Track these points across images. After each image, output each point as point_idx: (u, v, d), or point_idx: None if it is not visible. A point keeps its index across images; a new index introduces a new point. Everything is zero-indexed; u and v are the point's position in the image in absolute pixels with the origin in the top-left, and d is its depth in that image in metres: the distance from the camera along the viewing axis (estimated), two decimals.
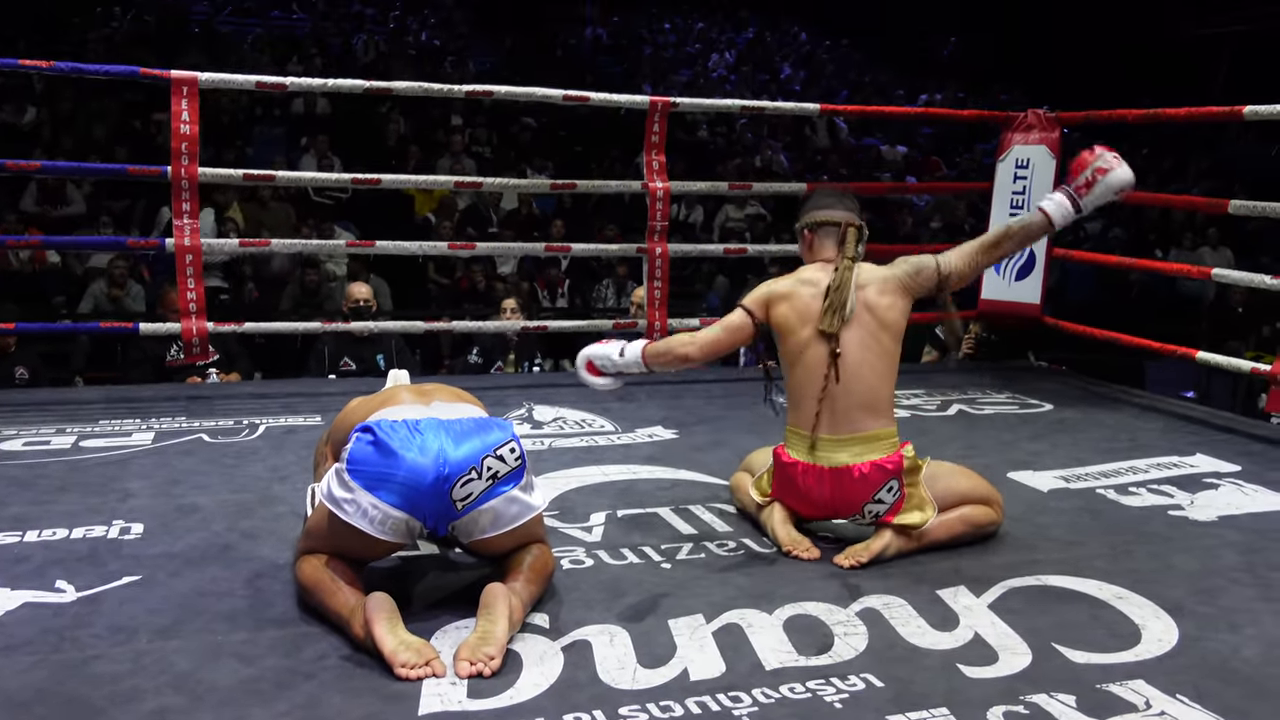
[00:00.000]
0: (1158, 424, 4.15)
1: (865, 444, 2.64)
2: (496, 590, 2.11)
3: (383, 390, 2.50)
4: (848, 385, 2.65)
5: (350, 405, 2.45)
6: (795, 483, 2.70)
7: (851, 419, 2.65)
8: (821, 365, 2.67)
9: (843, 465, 2.64)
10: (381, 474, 2.11)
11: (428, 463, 2.12)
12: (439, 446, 2.14)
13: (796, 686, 1.98)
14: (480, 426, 2.22)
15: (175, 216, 3.97)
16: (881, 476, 2.62)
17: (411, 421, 2.19)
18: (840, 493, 2.65)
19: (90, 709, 1.83)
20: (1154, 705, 1.94)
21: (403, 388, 2.48)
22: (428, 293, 8.84)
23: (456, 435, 2.17)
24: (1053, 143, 4.79)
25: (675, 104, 4.58)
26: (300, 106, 11.38)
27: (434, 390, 2.43)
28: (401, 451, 2.12)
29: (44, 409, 3.90)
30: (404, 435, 2.14)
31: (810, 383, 2.69)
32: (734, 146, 12.48)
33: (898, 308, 2.71)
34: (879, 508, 2.64)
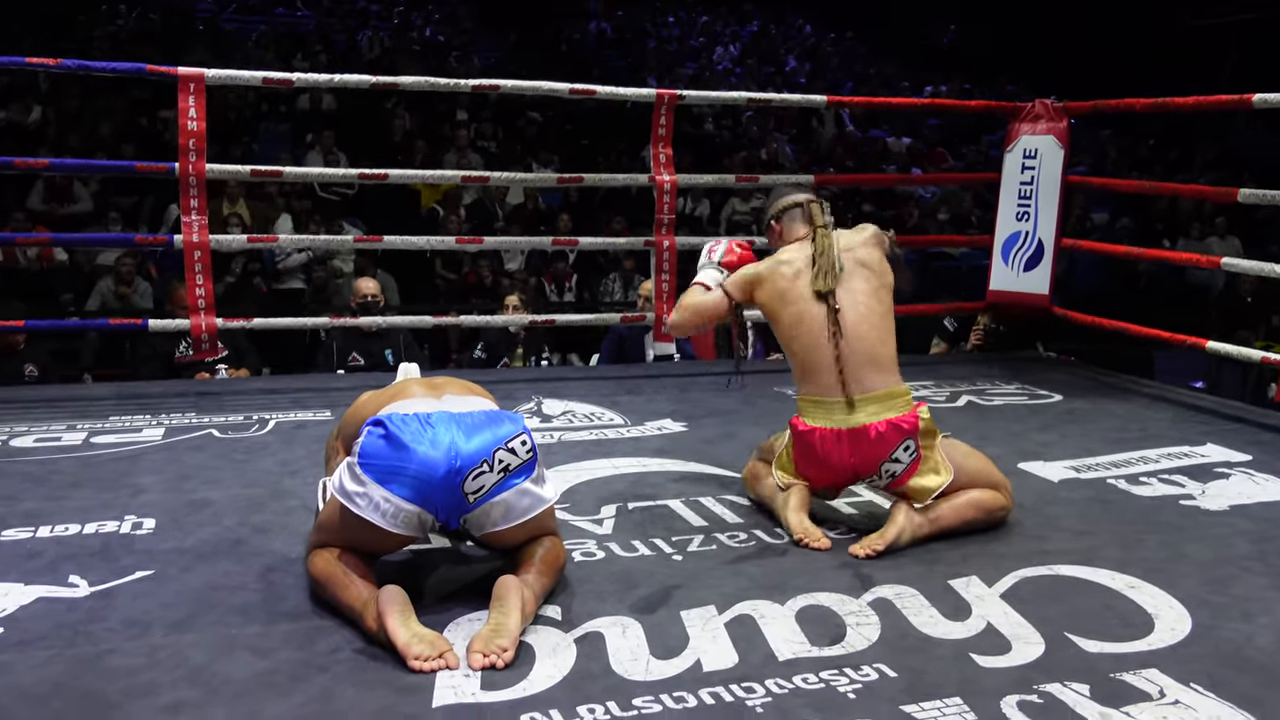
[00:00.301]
0: (1168, 414, 4.14)
1: (880, 402, 2.68)
2: (509, 582, 2.12)
3: (393, 384, 2.50)
4: (852, 343, 2.71)
5: (361, 399, 2.45)
6: (815, 449, 2.72)
7: (862, 378, 2.70)
8: (823, 329, 2.73)
9: (860, 425, 2.67)
10: (393, 467, 2.12)
11: (439, 456, 2.12)
12: (450, 439, 2.14)
13: (810, 677, 1.98)
14: (491, 419, 2.23)
15: (183, 213, 3.98)
16: (898, 436, 2.65)
17: (423, 415, 2.19)
18: (859, 453, 2.68)
19: (106, 703, 1.84)
20: (1168, 694, 1.94)
21: (413, 381, 2.48)
22: (435, 288, 8.85)
23: (468, 428, 2.17)
24: (1060, 132, 4.78)
25: (682, 97, 4.58)
26: (306, 103, 11.38)
27: (445, 384, 2.43)
28: (413, 445, 2.12)
29: (54, 405, 3.91)
30: (415, 429, 2.15)
31: (815, 348, 2.73)
32: (740, 139, 12.47)
33: (882, 261, 2.83)
34: (896, 467, 2.67)
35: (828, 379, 2.71)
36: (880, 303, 2.77)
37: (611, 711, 1.84)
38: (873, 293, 2.77)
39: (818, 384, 2.73)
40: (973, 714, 1.85)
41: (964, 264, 9.18)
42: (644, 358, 5.34)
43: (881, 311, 2.77)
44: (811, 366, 2.74)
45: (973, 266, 7.74)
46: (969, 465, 2.74)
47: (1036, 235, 4.85)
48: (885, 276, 2.81)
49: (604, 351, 5.61)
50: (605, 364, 5.49)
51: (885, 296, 2.80)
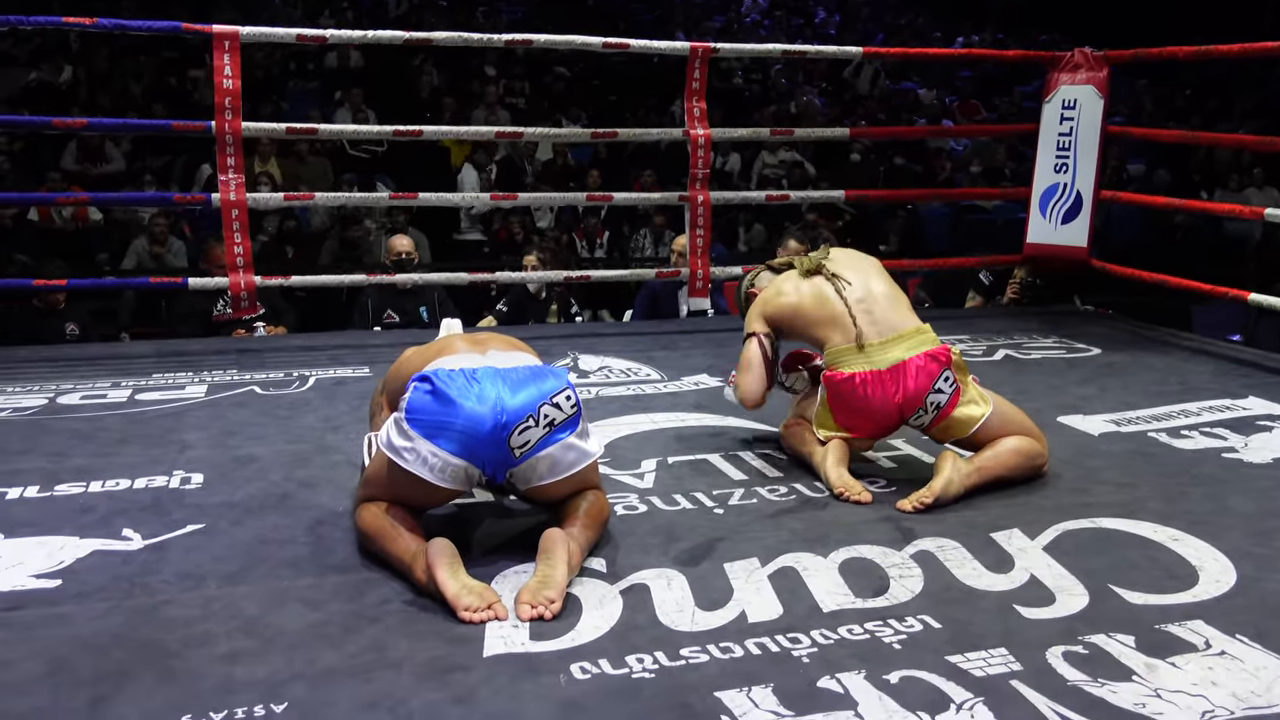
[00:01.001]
0: (1208, 367, 4.11)
1: (910, 339, 2.73)
2: (555, 535, 2.14)
3: (437, 340, 2.52)
4: (865, 298, 2.79)
5: (405, 355, 2.47)
6: (856, 396, 2.73)
7: (888, 320, 2.77)
8: (831, 296, 2.81)
9: (899, 361, 2.69)
10: (440, 422, 2.14)
11: (485, 410, 2.14)
12: (496, 394, 2.15)
13: (854, 628, 2.00)
14: (536, 374, 2.24)
15: (220, 171, 4.00)
16: (936, 366, 2.69)
17: (468, 370, 2.20)
18: (903, 389, 2.69)
19: (165, 652, 1.88)
20: (1214, 645, 1.94)
21: (457, 337, 2.49)
22: (465, 245, 8.86)
23: (513, 383, 2.19)
24: (1100, 82, 4.70)
25: (716, 50, 4.53)
26: (334, 60, 11.36)
27: (488, 339, 2.44)
28: (459, 400, 2.14)
29: (97, 364, 3.96)
30: (461, 384, 2.16)
31: (832, 313, 2.80)
32: (769, 93, 12.35)
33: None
34: (940, 398, 2.69)
35: (849, 331, 2.75)
36: (873, 264, 2.93)
37: (660, 661, 1.86)
38: (862, 260, 2.94)
39: (846, 337, 2.76)
40: (1018, 664, 1.86)
41: (998, 217, 9.10)
42: (677, 313, 5.34)
43: (875, 269, 2.92)
44: (833, 330, 2.78)
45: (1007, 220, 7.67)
46: (1005, 410, 2.76)
47: (1075, 187, 4.80)
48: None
49: (637, 307, 5.61)
50: (639, 320, 5.49)
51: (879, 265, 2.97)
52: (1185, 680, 1.82)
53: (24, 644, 1.90)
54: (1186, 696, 1.77)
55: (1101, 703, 1.74)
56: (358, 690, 1.76)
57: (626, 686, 1.79)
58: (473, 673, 1.82)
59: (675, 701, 1.74)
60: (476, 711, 1.71)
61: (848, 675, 1.82)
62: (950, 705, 1.74)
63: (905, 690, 1.78)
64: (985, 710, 1.72)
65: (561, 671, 1.83)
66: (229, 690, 1.76)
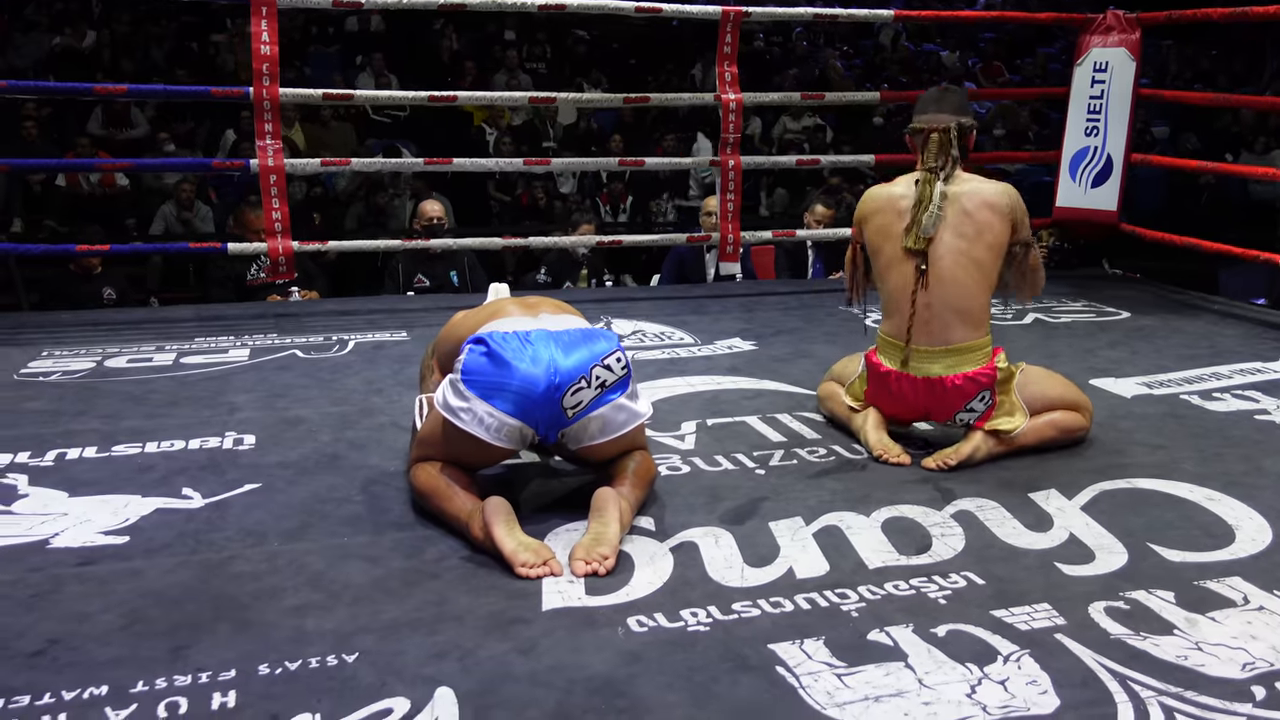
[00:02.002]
0: (1237, 330, 4.13)
1: (958, 355, 2.68)
2: (607, 494, 2.20)
3: (487, 304, 2.57)
4: (938, 299, 2.68)
5: (455, 319, 2.52)
6: (889, 388, 2.75)
7: (943, 331, 2.68)
8: (908, 284, 2.70)
9: (935, 377, 2.69)
10: (496, 383, 2.19)
11: (539, 372, 2.19)
12: (549, 356, 2.21)
13: (900, 584, 2.05)
14: (587, 336, 2.29)
15: (258, 137, 4.04)
16: (975, 389, 2.67)
17: (522, 333, 2.26)
18: (934, 401, 2.71)
19: (237, 604, 1.95)
20: (1252, 600, 1.99)
21: (508, 301, 2.54)
22: (489, 209, 8.90)
23: (565, 345, 2.24)
24: (1132, 45, 4.69)
25: (748, 13, 4.54)
26: (354, 25, 11.34)
27: (539, 303, 2.48)
28: (514, 362, 2.19)
29: (141, 327, 4.03)
30: (516, 346, 2.21)
31: (901, 297, 2.73)
32: (790, 56, 12.28)
33: (995, 229, 2.69)
34: (970, 416, 2.69)
35: (902, 327, 2.72)
36: (974, 257, 2.68)
37: (713, 615, 1.92)
38: (968, 248, 2.67)
39: (897, 329, 2.74)
40: (1062, 619, 1.92)
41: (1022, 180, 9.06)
42: (705, 278, 5.37)
43: (973, 265, 2.68)
44: (894, 311, 2.75)
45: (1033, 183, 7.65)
46: (1050, 390, 2.77)
47: (1105, 151, 4.80)
48: (989, 236, 2.69)
49: (665, 272, 5.65)
50: (666, 284, 5.53)
51: (983, 250, 2.68)
52: (1225, 634, 1.87)
53: (99, 597, 1.97)
54: (1227, 649, 1.82)
55: (1145, 655, 1.80)
56: (425, 641, 1.83)
57: (682, 639, 1.85)
58: (534, 625, 1.89)
59: (731, 653, 1.80)
60: (540, 661, 1.77)
61: (896, 629, 1.88)
62: (997, 657, 1.79)
63: (953, 643, 1.84)
64: (1032, 662, 1.77)
65: (619, 625, 1.89)
66: (301, 641, 1.82)
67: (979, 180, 2.75)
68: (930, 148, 2.73)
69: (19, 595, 1.98)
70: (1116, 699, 1.67)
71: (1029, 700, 1.66)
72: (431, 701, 1.65)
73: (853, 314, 4.21)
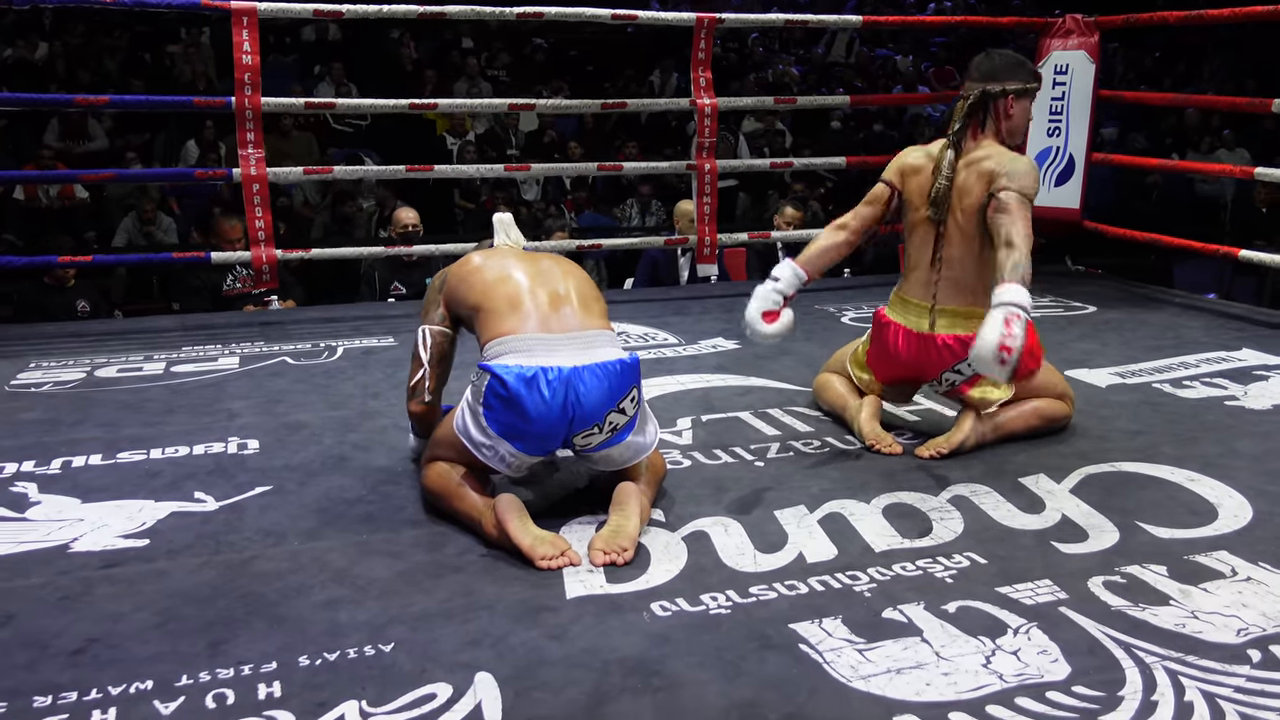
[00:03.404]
0: (1200, 322, 4.28)
1: (956, 318, 2.80)
2: (629, 489, 2.27)
3: (501, 260, 2.47)
4: (950, 266, 2.80)
5: (469, 266, 2.48)
6: (888, 343, 2.88)
7: (948, 293, 2.81)
8: (926, 245, 2.83)
9: (929, 333, 2.80)
10: (517, 428, 2.22)
11: (558, 419, 2.22)
12: (568, 401, 2.21)
13: (907, 565, 2.14)
14: (609, 376, 2.26)
15: (240, 146, 4.06)
16: (965, 351, 2.72)
17: (541, 372, 2.21)
18: (923, 357, 2.83)
19: (266, 601, 1.99)
20: (1240, 572, 2.10)
21: (528, 292, 2.37)
22: (454, 217, 8.91)
23: (585, 390, 2.22)
24: (1091, 48, 4.85)
25: (722, 20, 4.63)
26: (311, 34, 11.31)
27: (562, 298, 2.38)
28: (534, 413, 2.20)
29: (126, 338, 4.03)
30: (537, 399, 2.20)
31: (918, 257, 2.86)
32: (746, 62, 12.42)
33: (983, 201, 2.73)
34: (957, 377, 2.81)
35: (919, 286, 2.86)
36: (969, 233, 2.75)
37: (732, 599, 2.00)
38: (964, 221, 2.75)
39: (910, 286, 2.88)
40: (1064, 593, 2.01)
41: None
42: (678, 280, 5.46)
43: (971, 239, 2.75)
44: (911, 268, 2.89)
45: None
46: (1036, 377, 2.88)
47: (1067, 150, 4.95)
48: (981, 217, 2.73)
49: (639, 275, 5.72)
50: (640, 287, 5.60)
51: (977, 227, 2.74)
52: (1218, 603, 1.98)
53: (130, 598, 2.01)
54: (1221, 617, 1.92)
55: (1145, 624, 1.89)
56: (457, 630, 1.88)
57: (706, 621, 1.92)
58: (561, 612, 1.95)
59: (754, 633, 1.87)
60: (573, 645, 1.83)
61: (909, 606, 1.96)
62: (1007, 630, 1.88)
63: (964, 618, 1.92)
64: (1040, 633, 1.86)
65: (643, 610, 1.96)
66: (336, 634, 1.87)
67: (997, 150, 2.75)
68: (955, 112, 2.79)
69: (50, 597, 2.01)
70: (1123, 665, 1.76)
71: (1042, 668, 1.75)
72: (473, 686, 1.71)
73: (828, 313, 4.34)
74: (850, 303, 4.63)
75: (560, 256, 2.59)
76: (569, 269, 2.50)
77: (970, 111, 2.78)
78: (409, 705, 1.66)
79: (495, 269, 2.46)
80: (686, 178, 7.35)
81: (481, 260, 2.51)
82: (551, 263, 2.52)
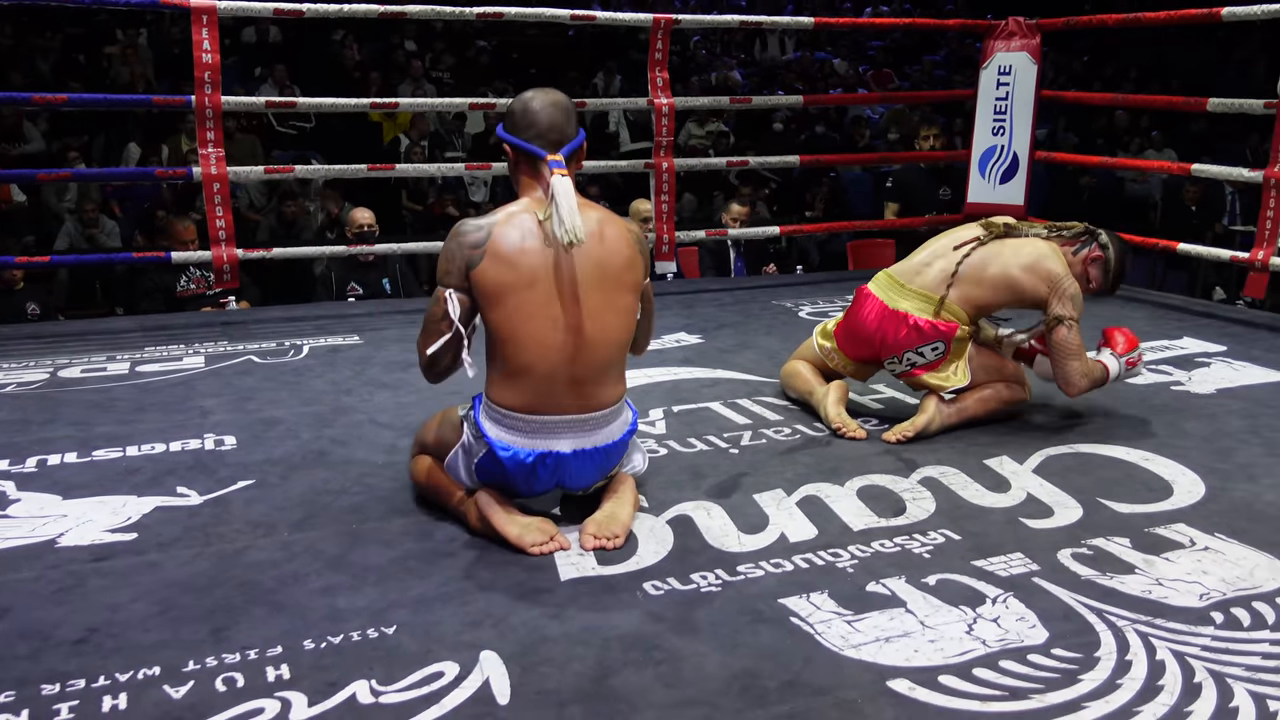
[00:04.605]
0: (1142, 313, 4.45)
1: (925, 300, 2.93)
2: (625, 478, 2.33)
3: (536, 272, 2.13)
4: (953, 268, 2.94)
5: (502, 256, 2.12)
6: (860, 311, 3.00)
7: (936, 286, 2.93)
8: (958, 241, 3.01)
9: (903, 311, 2.91)
10: (504, 482, 2.25)
11: (545, 489, 2.28)
12: (558, 478, 2.25)
13: (885, 543, 2.22)
14: (604, 455, 2.25)
15: (200, 145, 4.04)
16: (933, 334, 2.89)
17: (540, 462, 2.19)
18: (890, 332, 2.93)
19: (264, 589, 2.02)
20: (1198, 542, 2.22)
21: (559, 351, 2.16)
22: (402, 219, 8.89)
23: (575, 469, 2.24)
24: (1033, 49, 5.00)
25: (678, 21, 4.71)
26: (252, 36, 11.19)
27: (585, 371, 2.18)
28: (523, 489, 2.25)
29: (85, 339, 3.99)
30: (530, 478, 2.21)
31: (938, 245, 3.04)
32: (689, 64, 12.54)
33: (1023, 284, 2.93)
34: (917, 359, 2.93)
35: (912, 269, 3.00)
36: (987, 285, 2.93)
37: (722, 577, 2.06)
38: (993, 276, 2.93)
39: (903, 267, 3.04)
40: (1035, 565, 2.11)
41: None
42: None
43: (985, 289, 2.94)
44: (913, 255, 3.06)
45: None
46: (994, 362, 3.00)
47: (1012, 149, 5.10)
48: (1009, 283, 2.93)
49: None
50: None
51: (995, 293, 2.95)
52: (1180, 571, 2.09)
53: (126, 589, 2.02)
54: (1184, 583, 2.03)
55: (1115, 591, 2.00)
56: (459, 611, 1.92)
57: (699, 598, 1.98)
58: (558, 593, 2.00)
59: (746, 608, 1.94)
60: (572, 624, 1.88)
61: (891, 580, 2.05)
62: (986, 599, 1.97)
63: (944, 589, 2.01)
64: (1017, 602, 1.96)
65: (636, 589, 2.01)
66: (338, 618, 1.90)
67: (1057, 255, 2.96)
68: (1070, 224, 3.11)
69: (44, 590, 2.01)
70: (1097, 629, 1.86)
71: (1021, 634, 1.84)
72: (479, 664, 1.75)
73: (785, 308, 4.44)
74: (806, 298, 4.73)
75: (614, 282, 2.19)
76: (616, 309, 2.19)
77: (1080, 233, 3.05)
78: (419, 683, 1.70)
79: (527, 280, 2.12)
80: (633, 179, 7.45)
81: (516, 247, 2.12)
82: (600, 291, 2.16)
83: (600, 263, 2.16)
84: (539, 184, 2.20)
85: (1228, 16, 4.18)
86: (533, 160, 2.20)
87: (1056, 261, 2.91)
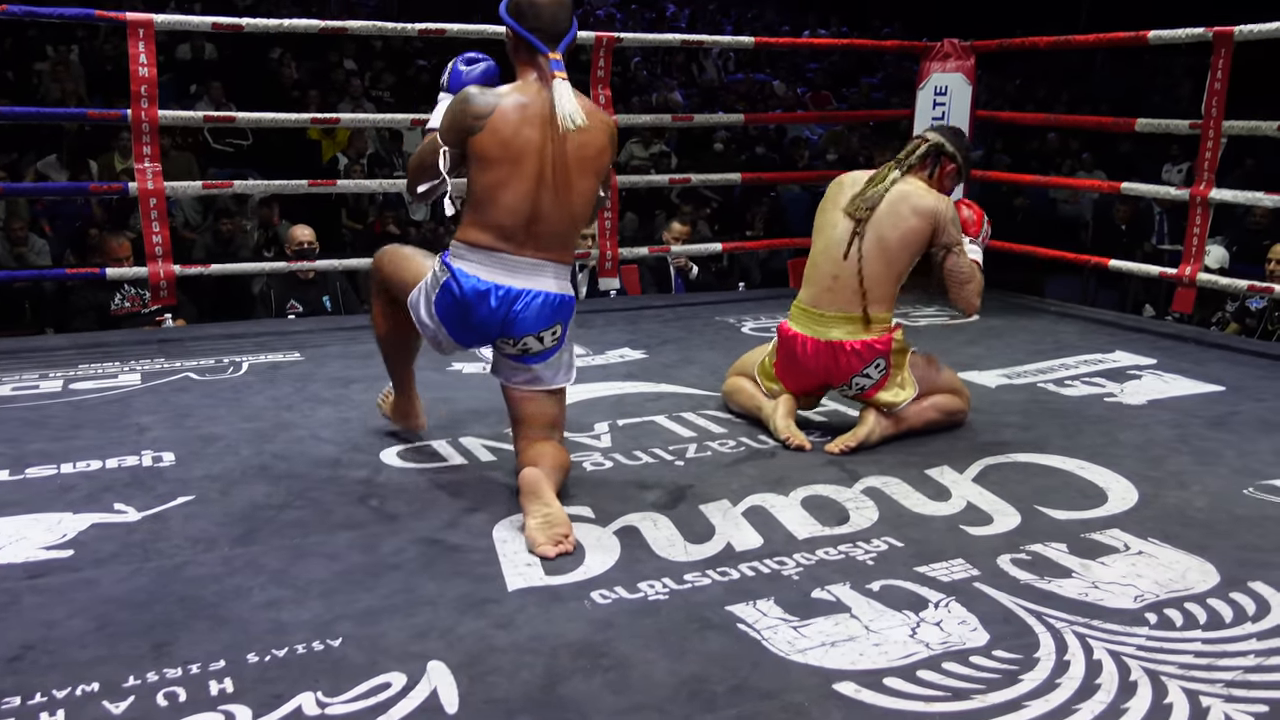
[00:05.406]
0: (1075, 328, 4.55)
1: (860, 324, 2.93)
2: (536, 474, 2.35)
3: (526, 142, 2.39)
4: (856, 269, 2.92)
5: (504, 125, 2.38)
6: (795, 354, 3.00)
7: (851, 300, 2.93)
8: (840, 245, 2.95)
9: (837, 340, 2.93)
10: (458, 321, 2.50)
11: (492, 325, 2.47)
12: (505, 317, 2.45)
13: (830, 550, 2.25)
14: (544, 306, 2.47)
15: (137, 160, 3.98)
16: (871, 355, 2.92)
17: (494, 292, 2.43)
18: (833, 364, 2.95)
19: (205, 604, 1.99)
20: (1132, 547, 2.27)
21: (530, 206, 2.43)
22: (342, 238, 8.82)
23: (519, 310, 2.45)
24: (968, 70, 5.11)
25: (620, 39, 4.74)
26: (187, 53, 11.05)
27: (547, 225, 2.45)
28: (475, 319, 2.47)
29: (15, 357, 3.88)
30: (483, 309, 2.45)
31: (826, 259, 2.98)
32: (629, 85, 12.61)
33: (912, 226, 2.93)
34: (866, 381, 2.95)
35: (821, 292, 2.97)
36: (891, 249, 2.92)
37: (669, 585, 2.07)
38: (889, 237, 2.91)
39: (811, 293, 3.00)
40: (976, 570, 2.15)
41: None
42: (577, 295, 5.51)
43: (888, 255, 2.92)
44: (814, 275, 3.01)
45: None
46: (934, 375, 3.04)
47: None
48: (906, 228, 2.92)
49: None
50: None
51: (897, 247, 2.92)
52: (1116, 574, 2.14)
53: (61, 605, 1.97)
54: (1119, 586, 2.09)
55: (1053, 595, 2.04)
56: (404, 623, 1.91)
57: (645, 607, 1.99)
58: (504, 604, 2.00)
59: (694, 616, 1.95)
60: (520, 633, 1.88)
61: (835, 586, 2.07)
62: (928, 604, 2.00)
63: (887, 595, 2.04)
64: (959, 606, 1.99)
65: (584, 598, 2.02)
66: (282, 632, 1.88)
67: (923, 188, 3.00)
68: (910, 150, 3.07)
69: None
70: (1036, 630, 1.90)
71: (963, 637, 1.88)
72: (426, 674, 1.74)
73: (728, 324, 4.47)
74: (749, 314, 4.77)
75: (585, 166, 2.47)
76: (579, 190, 2.48)
77: (923, 152, 3.04)
78: (365, 694, 1.68)
79: (516, 156, 2.40)
80: None
81: (514, 128, 2.39)
82: (573, 172, 2.45)
83: (579, 146, 2.44)
84: (533, 69, 2.46)
85: (1154, 40, 4.31)
86: (531, 50, 2.46)
87: (924, 195, 2.96)
